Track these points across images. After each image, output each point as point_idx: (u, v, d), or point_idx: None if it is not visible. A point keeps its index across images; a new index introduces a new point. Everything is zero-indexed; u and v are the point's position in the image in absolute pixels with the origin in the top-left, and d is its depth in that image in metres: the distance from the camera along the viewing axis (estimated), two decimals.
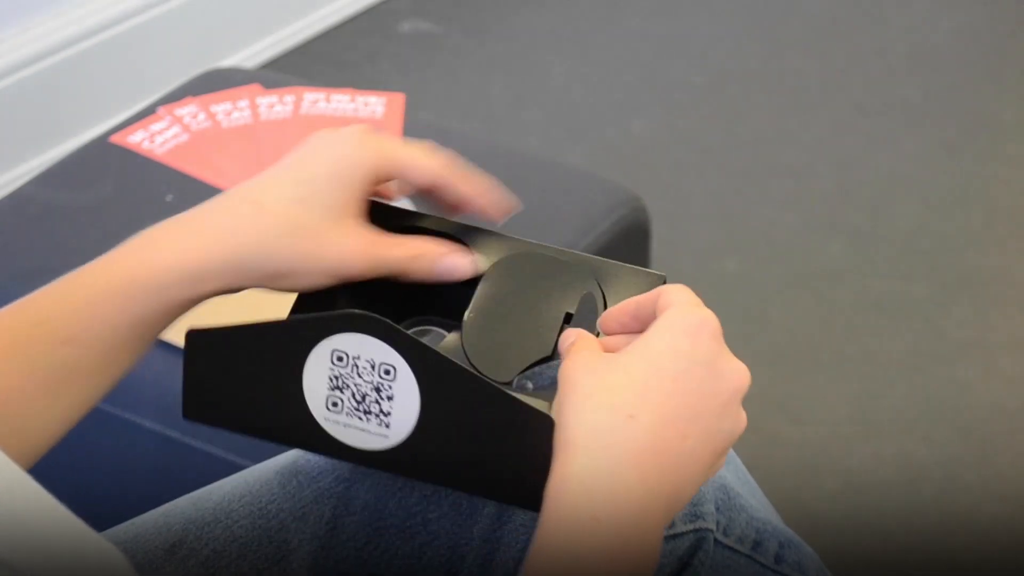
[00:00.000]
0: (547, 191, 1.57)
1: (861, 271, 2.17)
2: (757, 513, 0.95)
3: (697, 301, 0.85)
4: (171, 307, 0.90)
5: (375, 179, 0.94)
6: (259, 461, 1.00)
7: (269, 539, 0.96)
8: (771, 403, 1.93)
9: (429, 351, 0.84)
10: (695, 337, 0.82)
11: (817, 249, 2.21)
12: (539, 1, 2.72)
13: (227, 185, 1.52)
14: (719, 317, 0.84)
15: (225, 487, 1.00)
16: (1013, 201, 2.32)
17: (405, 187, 0.97)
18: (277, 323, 0.88)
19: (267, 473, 0.98)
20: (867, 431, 1.92)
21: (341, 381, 0.86)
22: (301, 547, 0.96)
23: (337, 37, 2.60)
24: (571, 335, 0.88)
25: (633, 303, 0.87)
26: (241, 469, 1.02)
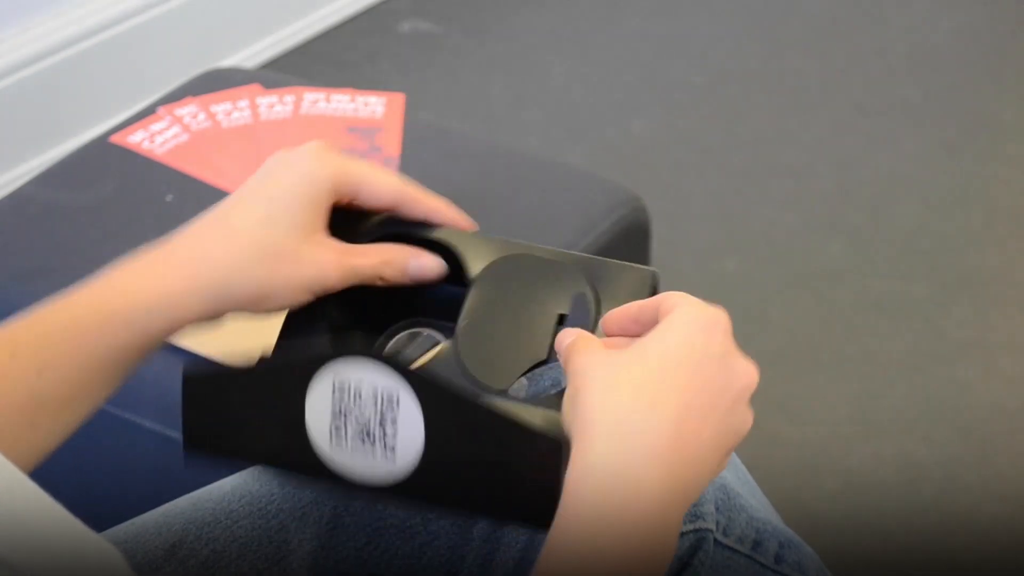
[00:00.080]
0: (547, 191, 1.57)
1: (861, 271, 2.17)
2: (757, 513, 0.95)
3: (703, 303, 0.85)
4: (149, 337, 0.90)
5: (336, 194, 0.94)
6: None
7: (269, 539, 0.96)
8: (771, 403, 1.93)
9: (427, 377, 0.84)
10: (709, 332, 0.82)
11: (817, 249, 2.21)
12: (539, 1, 2.72)
13: (227, 185, 1.52)
14: None
15: (225, 487, 1.00)
16: (1013, 201, 2.32)
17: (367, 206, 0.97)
18: (273, 362, 0.87)
19: (267, 473, 0.99)
20: (867, 431, 1.92)
21: (343, 412, 0.85)
22: (301, 547, 0.96)
23: (337, 37, 2.60)
24: (569, 334, 0.88)
25: (635, 307, 0.87)
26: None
